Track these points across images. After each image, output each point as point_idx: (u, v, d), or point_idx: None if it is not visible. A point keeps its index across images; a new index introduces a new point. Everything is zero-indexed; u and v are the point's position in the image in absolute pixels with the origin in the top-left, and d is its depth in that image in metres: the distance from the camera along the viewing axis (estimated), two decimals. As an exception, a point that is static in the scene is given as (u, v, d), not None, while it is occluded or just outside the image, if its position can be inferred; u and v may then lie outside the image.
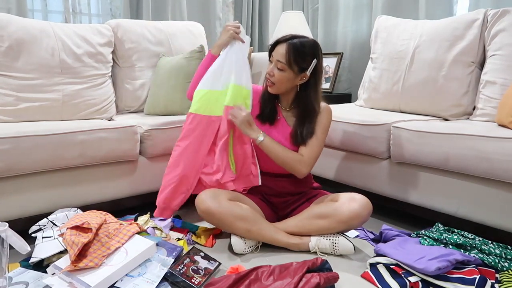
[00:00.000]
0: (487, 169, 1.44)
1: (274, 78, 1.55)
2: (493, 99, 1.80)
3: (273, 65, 1.54)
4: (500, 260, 1.38)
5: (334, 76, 3.01)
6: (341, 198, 1.52)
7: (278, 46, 1.53)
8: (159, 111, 2.10)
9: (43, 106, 1.87)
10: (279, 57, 1.52)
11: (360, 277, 1.38)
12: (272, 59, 1.55)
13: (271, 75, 1.55)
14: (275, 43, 1.56)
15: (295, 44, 1.52)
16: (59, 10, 2.52)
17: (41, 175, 1.59)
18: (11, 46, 1.83)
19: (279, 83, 1.55)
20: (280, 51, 1.52)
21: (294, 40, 1.52)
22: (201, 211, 1.53)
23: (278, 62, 1.52)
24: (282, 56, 1.51)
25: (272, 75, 1.55)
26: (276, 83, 1.55)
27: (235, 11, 3.26)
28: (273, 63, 1.54)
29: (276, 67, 1.53)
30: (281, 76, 1.54)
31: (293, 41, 1.52)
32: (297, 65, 1.52)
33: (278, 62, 1.52)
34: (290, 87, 1.58)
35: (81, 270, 1.21)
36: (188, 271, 1.31)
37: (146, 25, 2.36)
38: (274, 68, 1.54)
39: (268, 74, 1.56)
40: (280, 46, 1.53)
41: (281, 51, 1.52)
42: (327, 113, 1.63)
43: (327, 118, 1.62)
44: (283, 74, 1.53)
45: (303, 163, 1.56)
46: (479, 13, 1.92)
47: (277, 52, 1.53)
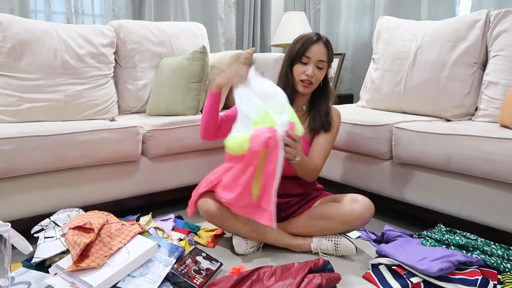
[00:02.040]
0: (489, 170, 1.43)
1: (315, 78, 1.55)
2: (496, 100, 1.80)
3: (313, 65, 1.53)
4: (502, 261, 1.38)
5: (336, 77, 3.01)
6: (343, 199, 1.52)
7: (314, 46, 1.53)
8: (161, 111, 2.10)
9: (45, 107, 1.88)
10: (321, 56, 1.54)
11: (362, 278, 1.38)
12: (308, 60, 1.54)
13: (312, 76, 1.53)
14: (306, 44, 1.54)
15: (327, 41, 1.57)
16: (62, 11, 2.52)
17: (43, 175, 1.59)
18: (14, 47, 1.84)
19: (317, 81, 1.57)
20: (321, 51, 1.54)
21: (323, 37, 1.57)
22: (203, 212, 1.53)
23: (320, 62, 1.54)
24: (324, 55, 1.54)
25: (312, 76, 1.54)
26: (315, 82, 1.56)
27: (237, 12, 3.26)
28: (313, 63, 1.54)
29: (317, 67, 1.54)
30: (320, 75, 1.56)
31: (324, 39, 1.57)
32: (332, 60, 1.60)
33: (320, 62, 1.54)
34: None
35: (83, 270, 1.21)
36: (190, 272, 1.31)
37: (148, 25, 2.36)
38: (314, 68, 1.54)
39: (307, 75, 1.53)
40: (317, 46, 1.54)
41: (322, 51, 1.54)
42: (337, 116, 1.65)
43: (338, 122, 1.65)
44: (322, 72, 1.57)
45: (318, 171, 1.59)
46: (482, 13, 1.92)
47: (317, 52, 1.53)
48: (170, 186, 1.93)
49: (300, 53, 1.55)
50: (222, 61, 2.20)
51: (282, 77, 1.63)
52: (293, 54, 1.57)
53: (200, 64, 2.08)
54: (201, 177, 2.00)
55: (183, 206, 2.04)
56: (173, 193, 1.97)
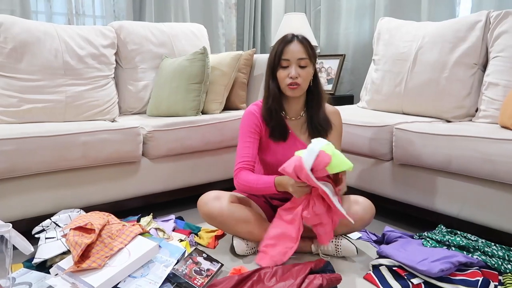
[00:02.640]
0: (490, 171, 1.43)
1: (300, 78, 1.46)
2: (496, 101, 1.80)
3: (294, 66, 1.45)
4: (503, 262, 1.38)
5: (337, 78, 3.01)
6: (344, 201, 1.52)
7: (289, 47, 1.47)
8: (162, 112, 2.11)
9: (46, 108, 1.88)
10: (299, 54, 1.46)
11: (362, 278, 1.38)
12: (287, 63, 1.46)
13: (296, 76, 1.45)
14: (282, 46, 1.48)
15: (303, 37, 1.50)
16: (63, 12, 2.53)
17: (44, 176, 1.59)
18: (14, 47, 1.84)
19: (304, 81, 1.48)
20: (296, 49, 1.46)
21: (298, 35, 1.50)
22: (203, 214, 1.53)
23: (300, 60, 1.46)
24: (303, 52, 1.46)
25: (297, 77, 1.46)
26: (302, 83, 1.47)
27: (238, 13, 3.26)
28: (293, 64, 1.46)
29: (299, 66, 1.46)
30: (306, 73, 1.47)
31: (298, 36, 1.50)
32: (314, 56, 1.51)
33: (300, 60, 1.46)
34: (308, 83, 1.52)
35: (84, 270, 1.21)
36: (191, 272, 1.31)
37: (149, 26, 2.37)
38: (296, 68, 1.45)
39: (291, 78, 1.45)
40: (292, 45, 1.47)
41: (297, 49, 1.46)
42: (337, 116, 1.60)
43: (339, 121, 1.60)
44: (307, 70, 1.48)
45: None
46: (482, 14, 1.92)
47: (294, 51, 1.46)
48: (170, 187, 1.93)
49: (278, 58, 1.48)
50: (223, 62, 2.20)
51: (267, 89, 1.54)
52: (272, 61, 1.50)
53: (201, 65, 2.08)
54: (201, 178, 2.01)
55: (183, 207, 2.05)
56: (174, 194, 1.97)
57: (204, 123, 1.96)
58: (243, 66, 2.29)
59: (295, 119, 1.58)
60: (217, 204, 1.50)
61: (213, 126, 1.99)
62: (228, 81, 2.20)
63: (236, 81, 2.27)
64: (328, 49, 3.26)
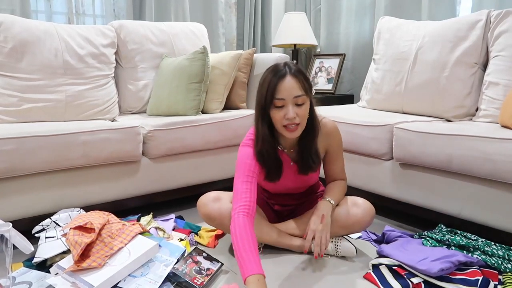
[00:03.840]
0: (490, 170, 1.43)
1: (299, 118, 1.29)
2: (496, 100, 1.80)
3: (291, 106, 1.28)
4: (503, 262, 1.38)
5: (337, 77, 3.01)
6: (344, 203, 1.52)
7: (283, 84, 1.27)
8: (162, 111, 2.11)
9: (46, 107, 1.88)
10: (295, 91, 1.27)
11: (362, 278, 1.38)
12: (283, 102, 1.28)
13: (294, 117, 1.28)
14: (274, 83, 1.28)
15: (296, 69, 1.31)
16: (63, 11, 2.52)
17: (44, 175, 1.60)
18: (14, 47, 1.84)
19: (303, 119, 1.32)
20: (291, 86, 1.27)
21: (291, 66, 1.31)
22: (202, 215, 1.53)
23: (297, 98, 1.28)
24: (298, 88, 1.28)
25: (295, 117, 1.28)
26: (301, 121, 1.31)
27: (238, 12, 3.26)
28: (289, 103, 1.28)
29: (296, 105, 1.29)
30: (304, 111, 1.31)
31: (291, 68, 1.31)
32: (310, 87, 1.33)
33: (297, 98, 1.28)
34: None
35: (84, 270, 1.21)
36: (191, 272, 1.31)
37: (149, 26, 2.37)
38: (293, 108, 1.28)
39: (288, 120, 1.28)
40: (286, 82, 1.27)
41: (292, 86, 1.27)
42: (336, 131, 1.50)
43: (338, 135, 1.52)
44: (305, 107, 1.31)
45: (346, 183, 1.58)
46: (482, 14, 1.92)
47: (287, 89, 1.27)
48: (170, 186, 1.93)
49: (270, 97, 1.28)
50: (223, 61, 2.20)
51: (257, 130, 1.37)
52: (263, 101, 1.31)
53: (201, 65, 2.08)
54: (201, 178, 2.02)
55: (184, 206, 2.05)
56: (174, 193, 1.97)
57: (204, 122, 1.96)
58: (243, 66, 2.29)
59: (292, 151, 1.48)
60: (216, 205, 1.50)
61: (213, 126, 1.99)
62: (228, 80, 2.20)
63: (236, 81, 2.27)
64: (328, 49, 3.26)
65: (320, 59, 3.19)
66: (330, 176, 1.58)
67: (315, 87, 3.13)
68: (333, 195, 1.50)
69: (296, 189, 1.59)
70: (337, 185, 1.54)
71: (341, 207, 1.50)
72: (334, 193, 1.51)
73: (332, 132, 1.49)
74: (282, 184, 1.51)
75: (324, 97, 2.90)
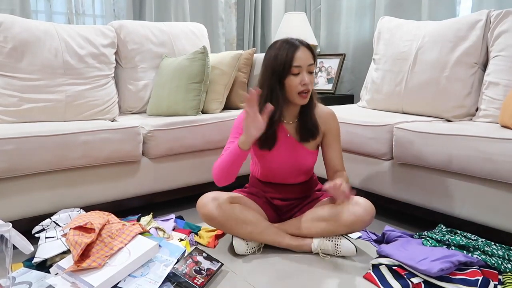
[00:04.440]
0: (490, 170, 1.43)
1: (310, 85, 1.45)
2: (496, 100, 1.80)
3: (305, 72, 1.43)
4: (503, 262, 1.38)
5: (337, 77, 3.01)
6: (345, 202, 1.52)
7: (299, 53, 1.42)
8: (162, 112, 2.11)
9: (46, 107, 1.88)
10: (309, 60, 1.44)
11: (362, 278, 1.38)
12: (300, 70, 1.43)
13: (309, 83, 1.44)
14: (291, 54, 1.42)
15: (307, 43, 1.48)
16: (63, 11, 2.52)
17: (44, 175, 1.60)
18: (14, 47, 1.84)
19: (312, 87, 1.48)
20: (306, 56, 1.43)
21: (301, 40, 1.48)
22: (202, 215, 1.53)
23: (310, 66, 1.44)
24: (311, 57, 1.45)
25: (308, 83, 1.44)
26: (311, 89, 1.47)
27: (238, 12, 3.26)
28: (304, 70, 1.43)
29: (308, 72, 1.45)
30: (313, 79, 1.48)
31: (302, 41, 1.47)
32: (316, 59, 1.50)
33: (310, 66, 1.44)
34: None
35: (84, 270, 1.21)
36: (191, 272, 1.31)
37: (149, 26, 2.37)
38: (306, 75, 1.43)
39: (304, 85, 1.43)
40: (301, 52, 1.43)
41: (306, 55, 1.44)
42: (333, 118, 1.60)
43: (336, 123, 1.61)
44: (313, 75, 1.49)
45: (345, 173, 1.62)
46: (482, 14, 1.92)
47: (303, 58, 1.43)
48: (170, 186, 1.93)
49: (288, 65, 1.42)
50: (223, 61, 2.20)
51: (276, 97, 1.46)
52: (280, 69, 1.43)
53: (201, 65, 2.08)
54: (201, 178, 2.01)
55: (183, 206, 2.05)
56: (174, 193, 1.97)
57: (204, 122, 1.96)
58: (243, 66, 2.29)
59: (292, 123, 1.58)
60: (216, 206, 1.50)
61: (213, 126, 1.99)
62: (228, 80, 2.20)
63: (236, 81, 2.27)
64: (328, 49, 3.26)
65: (320, 59, 3.19)
66: (330, 165, 1.61)
67: (315, 87, 3.12)
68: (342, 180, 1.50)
69: (292, 172, 1.59)
70: (342, 176, 1.55)
71: (342, 206, 1.50)
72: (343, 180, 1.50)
73: (330, 116, 1.60)
74: (277, 161, 1.55)
75: (324, 97, 2.90)
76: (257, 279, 1.37)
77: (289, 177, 1.61)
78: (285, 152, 1.56)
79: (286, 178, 1.62)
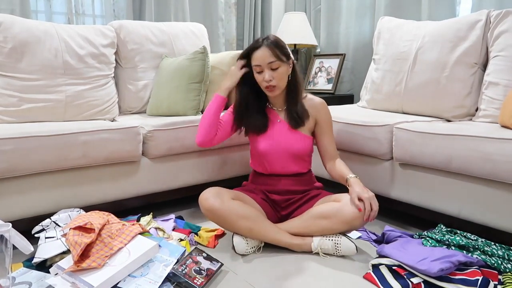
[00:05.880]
0: (490, 170, 1.43)
1: (275, 80, 1.56)
2: (496, 100, 1.80)
3: (266, 70, 1.55)
4: (503, 262, 1.38)
5: (337, 77, 3.01)
6: (344, 199, 1.52)
7: (257, 53, 1.56)
8: (162, 112, 2.11)
9: (46, 107, 1.88)
10: (268, 59, 1.54)
11: (362, 278, 1.38)
12: (260, 68, 1.57)
13: (270, 79, 1.56)
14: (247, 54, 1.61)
15: (272, 40, 1.58)
16: (62, 11, 2.52)
17: (44, 175, 1.60)
18: (14, 47, 1.84)
19: (280, 80, 1.58)
20: (263, 54, 1.55)
21: (269, 38, 1.59)
22: (204, 209, 1.53)
23: (270, 63, 1.55)
24: (270, 56, 1.54)
25: (271, 79, 1.56)
26: (277, 83, 1.57)
27: (238, 12, 3.26)
28: (264, 69, 1.56)
29: (270, 69, 1.56)
30: (279, 74, 1.56)
31: (268, 38, 1.58)
32: (284, 54, 1.58)
33: (270, 63, 1.55)
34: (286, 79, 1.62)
35: (84, 270, 1.21)
36: (191, 272, 1.31)
37: (148, 26, 2.37)
38: (268, 72, 1.55)
39: (265, 82, 1.56)
40: (258, 52, 1.56)
41: (264, 54, 1.55)
42: (326, 108, 1.71)
43: (326, 111, 1.71)
44: (279, 71, 1.56)
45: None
46: (482, 14, 1.92)
47: (261, 57, 1.55)
48: (170, 186, 1.93)
49: (246, 66, 1.63)
50: (223, 61, 2.20)
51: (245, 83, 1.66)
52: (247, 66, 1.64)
53: (201, 65, 2.08)
54: (201, 178, 2.02)
55: (183, 207, 2.05)
56: (174, 193, 1.97)
57: (204, 122, 1.96)
58: (243, 66, 2.29)
59: (281, 110, 1.70)
60: (218, 200, 1.51)
61: (213, 126, 1.98)
62: (228, 80, 2.19)
63: (236, 81, 2.27)
64: (328, 49, 3.26)
65: (320, 59, 3.19)
66: (325, 152, 1.71)
67: (315, 87, 3.12)
68: (349, 171, 1.60)
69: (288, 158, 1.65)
70: (342, 164, 1.66)
71: (341, 203, 1.51)
72: (348, 170, 1.61)
73: (319, 104, 1.70)
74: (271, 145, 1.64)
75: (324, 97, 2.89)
76: (257, 279, 1.37)
77: (285, 163, 1.65)
78: (278, 136, 1.66)
79: (282, 164, 1.65)
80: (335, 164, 1.68)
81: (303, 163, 1.69)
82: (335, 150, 1.72)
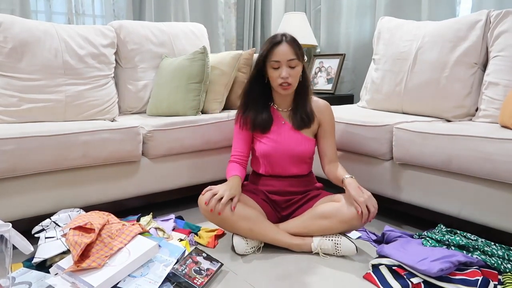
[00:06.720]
0: (490, 170, 1.43)
1: (292, 78, 1.56)
2: (496, 100, 1.80)
3: (284, 67, 1.54)
4: (502, 262, 1.38)
5: (337, 77, 3.01)
6: (343, 199, 1.52)
7: (278, 49, 1.55)
8: (162, 112, 2.11)
9: (46, 107, 1.88)
10: (289, 56, 1.54)
11: (362, 278, 1.38)
12: (278, 64, 1.55)
13: (287, 76, 1.55)
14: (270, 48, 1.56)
15: (292, 38, 1.58)
16: (62, 11, 2.52)
17: (44, 175, 1.60)
18: (14, 47, 1.84)
19: (295, 81, 1.58)
20: (285, 51, 1.54)
21: (287, 36, 1.58)
22: (203, 211, 1.53)
23: (290, 61, 1.54)
24: (291, 53, 1.54)
25: (288, 77, 1.55)
26: (293, 82, 1.57)
27: (237, 12, 3.26)
28: (283, 65, 1.55)
29: (289, 67, 1.55)
30: (295, 73, 1.57)
31: (287, 36, 1.57)
32: (301, 54, 1.59)
33: (290, 61, 1.54)
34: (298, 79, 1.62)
35: (83, 270, 1.21)
36: (191, 272, 1.31)
37: (148, 26, 2.37)
38: (287, 69, 1.54)
39: (282, 78, 1.55)
40: (281, 47, 1.55)
41: (287, 51, 1.54)
42: (330, 110, 1.71)
43: (330, 114, 1.71)
44: (296, 70, 1.57)
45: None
46: (482, 14, 1.92)
47: (283, 53, 1.54)
48: (170, 186, 1.93)
49: (268, 59, 1.57)
50: (223, 61, 2.20)
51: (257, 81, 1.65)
52: (261, 62, 1.60)
53: (201, 65, 2.08)
54: (201, 178, 2.02)
55: (183, 207, 2.05)
56: (174, 193, 1.97)
57: (204, 122, 1.96)
58: (243, 66, 2.29)
59: (286, 111, 1.69)
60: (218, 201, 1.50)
61: (213, 126, 1.99)
62: (228, 80, 2.20)
63: (236, 81, 2.27)
64: (328, 49, 3.26)
65: (320, 59, 3.19)
66: (325, 154, 1.70)
67: (315, 87, 3.12)
68: (345, 172, 1.61)
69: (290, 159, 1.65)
70: (340, 167, 1.66)
71: (341, 203, 1.51)
72: (344, 171, 1.62)
73: (324, 108, 1.70)
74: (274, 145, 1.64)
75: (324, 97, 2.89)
76: (257, 279, 1.37)
77: (286, 165, 1.65)
78: (280, 137, 1.65)
79: (283, 166, 1.65)
80: (333, 168, 1.67)
81: (304, 165, 1.68)
82: (335, 154, 1.71)
